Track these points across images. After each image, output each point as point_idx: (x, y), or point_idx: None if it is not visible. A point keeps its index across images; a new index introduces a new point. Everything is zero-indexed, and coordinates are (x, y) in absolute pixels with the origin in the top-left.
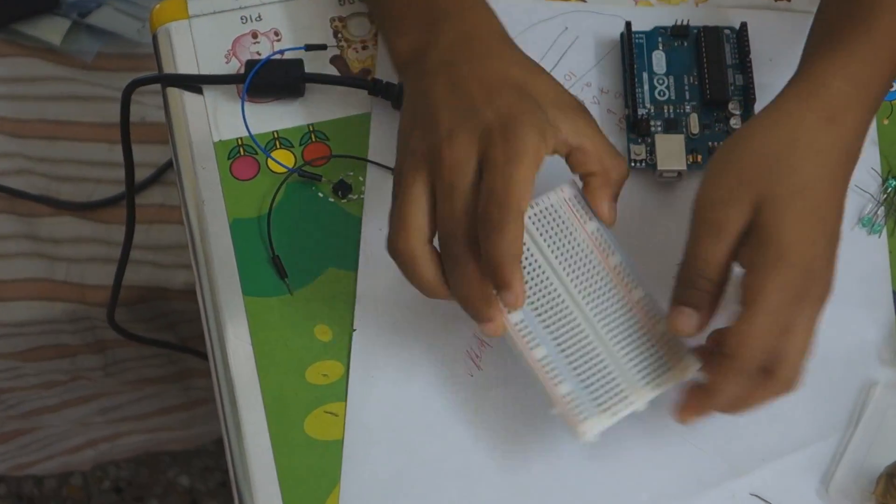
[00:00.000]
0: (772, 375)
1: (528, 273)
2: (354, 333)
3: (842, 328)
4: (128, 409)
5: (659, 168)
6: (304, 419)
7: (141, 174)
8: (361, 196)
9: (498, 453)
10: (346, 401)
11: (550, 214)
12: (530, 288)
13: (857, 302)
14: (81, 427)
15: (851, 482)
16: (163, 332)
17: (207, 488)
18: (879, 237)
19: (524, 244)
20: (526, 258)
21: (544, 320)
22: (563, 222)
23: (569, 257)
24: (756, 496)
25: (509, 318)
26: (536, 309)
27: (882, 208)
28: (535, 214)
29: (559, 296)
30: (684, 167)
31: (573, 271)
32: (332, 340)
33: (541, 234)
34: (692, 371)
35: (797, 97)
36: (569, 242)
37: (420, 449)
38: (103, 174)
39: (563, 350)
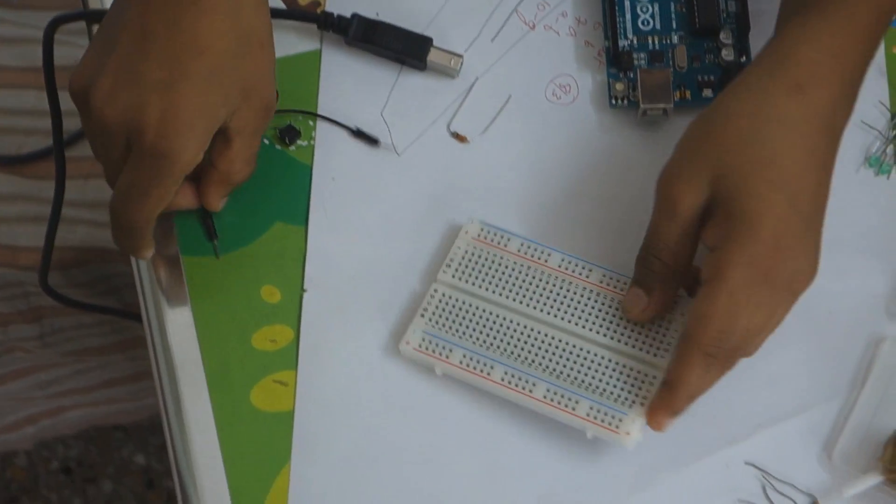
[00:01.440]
0: (728, 362)
1: (485, 327)
2: (305, 294)
3: (846, 279)
4: (69, 381)
5: (642, 106)
6: (251, 389)
7: (75, 123)
8: (312, 142)
9: (464, 427)
10: (296, 369)
11: (470, 261)
12: (497, 339)
13: (863, 250)
14: (19, 403)
15: (856, 448)
16: (104, 298)
17: (165, 467)
18: (888, 178)
19: (466, 304)
20: (473, 314)
21: (525, 359)
22: (486, 259)
23: (511, 287)
24: (752, 465)
25: (492, 378)
26: (512, 354)
27: (891, 146)
28: (457, 270)
29: (525, 328)
30: (671, 104)
31: (523, 296)
32: (281, 302)
33: (473, 284)
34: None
35: (763, 68)
36: (503, 274)
37: (378, 422)
38: (33, 124)
39: (559, 374)
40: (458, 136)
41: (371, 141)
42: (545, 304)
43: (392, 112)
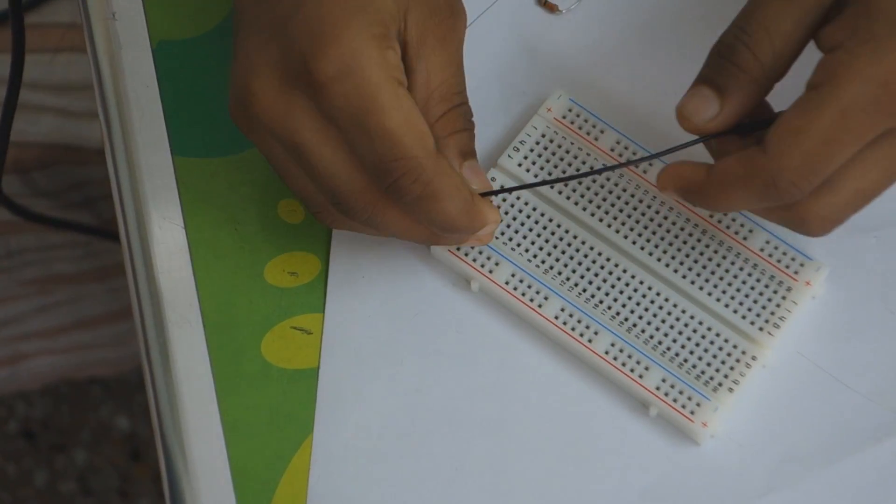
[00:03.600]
0: (795, 212)
1: (548, 244)
2: None
3: None
4: (32, 320)
5: None
6: (262, 338)
7: None
8: None
9: (523, 396)
10: (323, 311)
11: (546, 149)
12: (561, 263)
13: None
14: None
15: None
16: (76, 211)
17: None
18: None
19: (528, 206)
20: (535, 223)
21: (591, 298)
22: (567, 152)
23: (592, 197)
24: None
25: (543, 313)
26: (575, 287)
27: None
28: (526, 157)
29: (601, 256)
30: None
31: (605, 213)
32: (305, 223)
33: (542, 180)
34: (819, 282)
35: None
36: (585, 177)
37: (425, 385)
38: None
39: (632, 328)
40: (547, 4)
41: None
42: (633, 231)
43: None
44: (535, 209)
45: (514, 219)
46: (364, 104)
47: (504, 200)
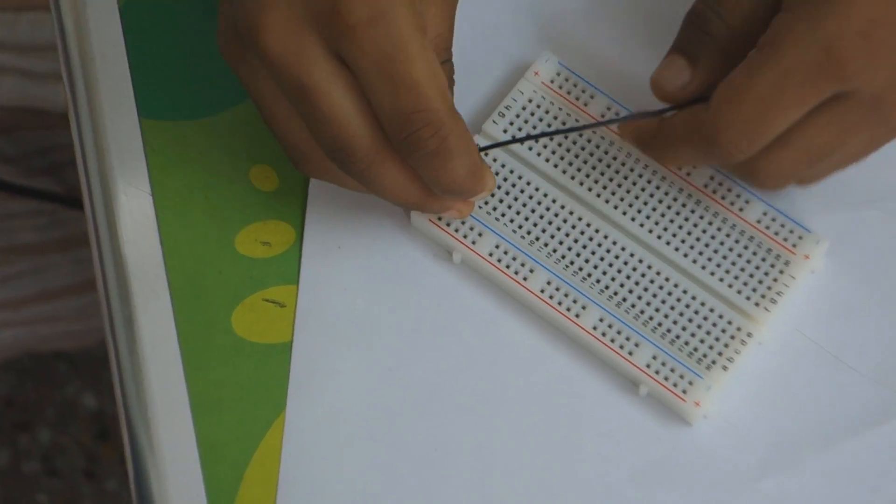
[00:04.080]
0: (746, 165)
1: (534, 214)
2: (313, 179)
3: None
4: None
5: None
6: (233, 311)
7: None
8: None
9: (506, 374)
10: (297, 283)
11: (533, 115)
12: (548, 234)
13: None
14: None
15: None
16: (40, 178)
17: None
18: None
19: (514, 174)
20: (521, 192)
21: (579, 271)
22: (555, 119)
23: (581, 166)
24: None
25: (528, 286)
26: (563, 259)
27: None
28: (512, 124)
29: (589, 227)
30: None
31: (595, 182)
32: (279, 190)
33: (531, 149)
34: (818, 256)
35: None
36: (573, 144)
37: (404, 361)
38: None
39: (621, 302)
40: None
41: None
42: (623, 201)
43: None
44: (520, 177)
45: (499, 187)
46: (393, 52)
47: (492, 163)
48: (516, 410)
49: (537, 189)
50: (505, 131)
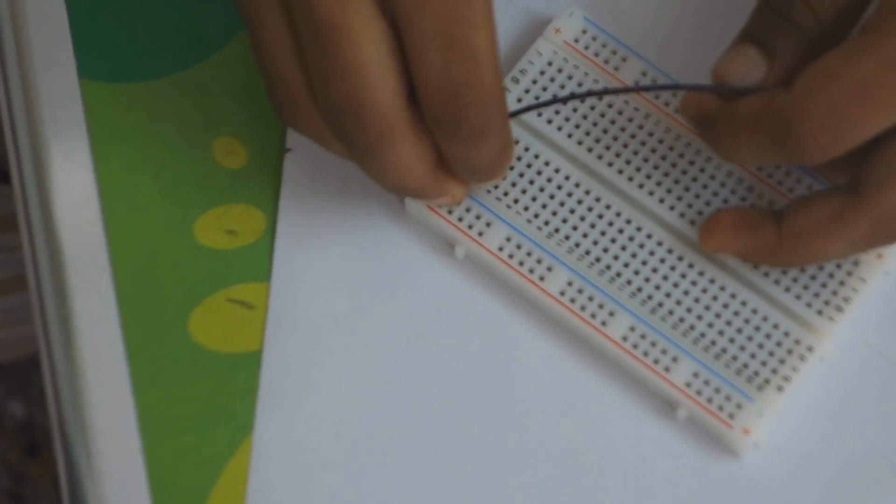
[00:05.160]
0: (857, 191)
1: (554, 200)
2: (288, 156)
3: None
4: None
5: None
6: (191, 314)
7: None
8: None
9: (518, 391)
10: (268, 280)
11: (554, 81)
12: (570, 225)
13: None
14: None
15: None
16: None
17: None
18: None
19: (531, 153)
20: (538, 174)
21: (607, 271)
22: (580, 85)
23: (611, 143)
24: None
25: (546, 288)
26: (587, 256)
27: None
28: (528, 91)
29: (619, 217)
30: None
31: (627, 162)
32: (247, 168)
33: (551, 122)
34: (894, 255)
35: None
36: (601, 117)
37: (395, 375)
38: None
39: (657, 309)
40: None
41: None
42: (660, 186)
43: None
44: (537, 156)
45: (512, 168)
46: (457, 12)
47: None
48: (528, 436)
49: (558, 171)
50: (519, 100)
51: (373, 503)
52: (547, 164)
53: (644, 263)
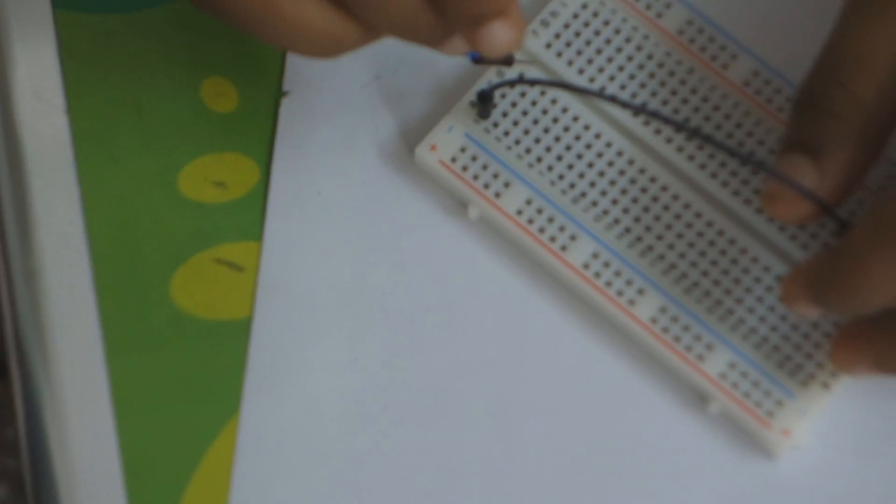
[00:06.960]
0: None
1: (581, 161)
2: (285, 100)
3: None
4: None
5: None
6: (173, 274)
7: None
8: None
9: (534, 375)
10: (261, 240)
11: (585, 28)
12: (598, 190)
13: None
14: None
15: None
16: None
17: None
18: None
19: (558, 108)
20: (565, 131)
21: (638, 240)
22: (618, 34)
23: (649, 99)
24: None
25: (567, 259)
26: (616, 225)
27: None
28: (557, 37)
29: (654, 183)
30: None
31: (665, 125)
32: (238, 111)
33: (582, 73)
34: None
35: None
36: (639, 69)
37: (399, 353)
38: None
39: (692, 289)
40: None
41: None
42: (702, 150)
43: None
44: (565, 110)
45: (536, 122)
46: None
47: (523, 96)
48: (545, 424)
49: (587, 128)
50: (548, 46)
51: (372, 499)
52: (576, 119)
53: (679, 236)
